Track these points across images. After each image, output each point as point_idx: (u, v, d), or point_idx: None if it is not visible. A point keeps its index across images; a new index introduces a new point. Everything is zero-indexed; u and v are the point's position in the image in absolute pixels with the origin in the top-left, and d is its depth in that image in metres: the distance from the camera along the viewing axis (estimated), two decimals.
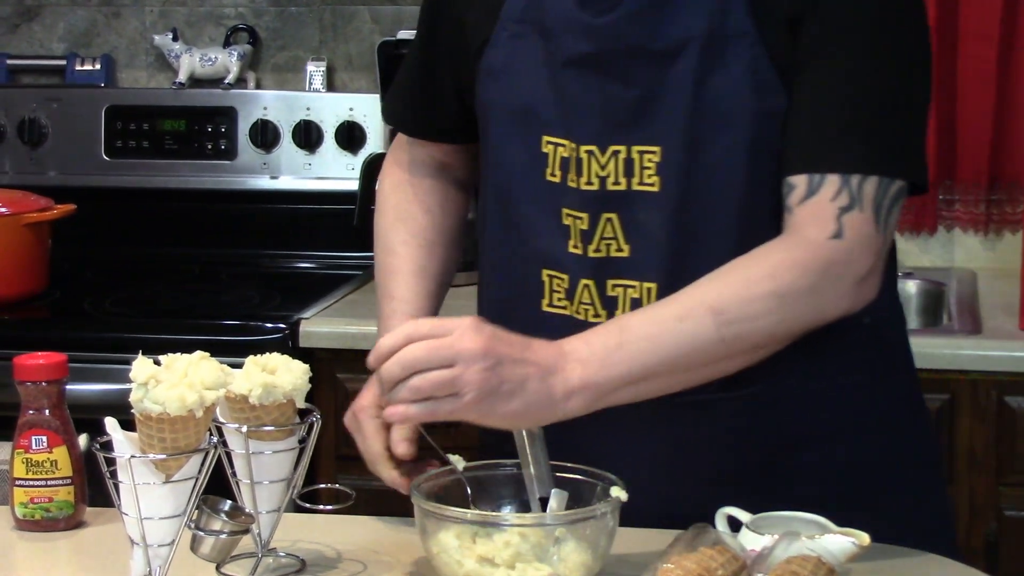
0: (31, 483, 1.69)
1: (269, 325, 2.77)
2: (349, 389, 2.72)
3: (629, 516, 1.55)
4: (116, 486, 1.47)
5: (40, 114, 3.34)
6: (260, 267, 3.26)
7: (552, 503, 1.54)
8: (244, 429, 1.52)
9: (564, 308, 1.69)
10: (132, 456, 1.44)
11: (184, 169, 3.32)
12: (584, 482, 1.57)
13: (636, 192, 1.65)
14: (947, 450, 2.62)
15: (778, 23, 1.61)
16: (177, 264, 3.26)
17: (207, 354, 1.50)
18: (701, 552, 1.44)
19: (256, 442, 1.53)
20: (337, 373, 2.74)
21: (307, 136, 3.26)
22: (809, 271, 1.57)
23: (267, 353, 1.56)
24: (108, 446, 1.46)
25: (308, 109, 3.27)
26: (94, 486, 1.72)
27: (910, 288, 3.07)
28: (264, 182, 3.28)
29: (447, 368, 1.45)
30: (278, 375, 1.54)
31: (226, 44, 3.36)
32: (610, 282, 1.67)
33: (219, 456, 1.51)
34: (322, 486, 1.77)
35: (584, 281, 1.68)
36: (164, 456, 1.44)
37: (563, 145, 1.67)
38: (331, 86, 3.34)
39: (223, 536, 1.51)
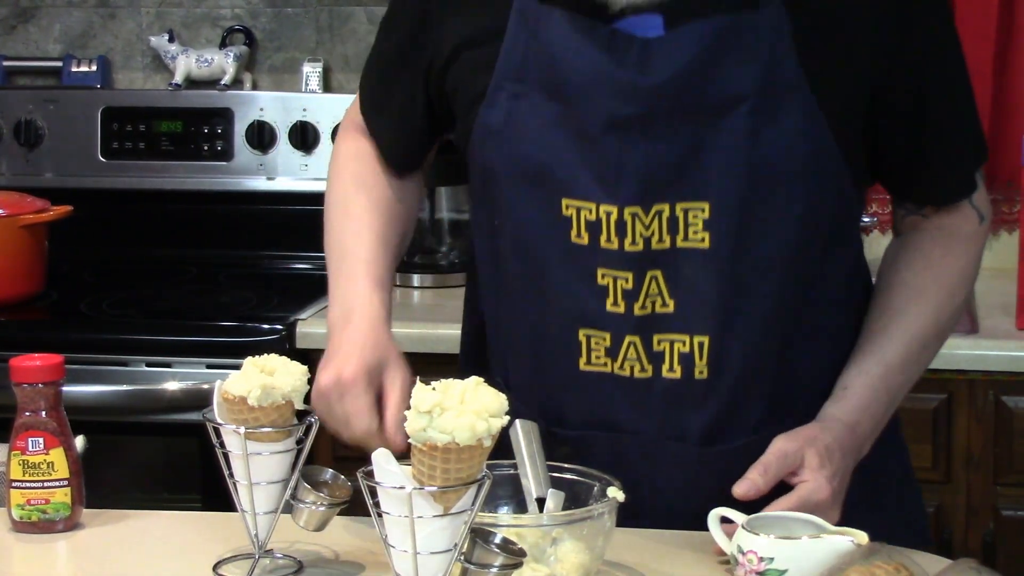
0: (28, 485, 1.68)
1: (266, 326, 2.77)
2: None
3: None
4: (380, 516, 1.38)
5: (36, 116, 3.34)
6: (257, 268, 3.26)
7: (549, 503, 1.54)
8: (242, 430, 1.52)
9: (605, 366, 1.66)
10: (415, 488, 1.34)
11: (181, 170, 3.32)
12: (580, 482, 1.57)
13: (681, 249, 1.61)
14: (944, 450, 2.62)
15: (828, 71, 1.58)
16: (174, 265, 3.25)
17: (482, 380, 1.38)
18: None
19: (254, 443, 1.54)
20: None
21: (304, 137, 3.25)
22: (979, 258, 1.78)
23: (265, 354, 1.57)
24: (369, 474, 1.37)
25: (305, 110, 3.26)
26: (91, 488, 1.72)
27: None
28: (261, 183, 3.28)
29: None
30: (277, 377, 1.54)
31: (222, 45, 3.36)
32: (656, 337, 1.64)
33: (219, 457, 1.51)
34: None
35: (630, 338, 1.64)
36: (448, 487, 1.34)
37: (588, 208, 1.62)
38: (328, 87, 3.34)
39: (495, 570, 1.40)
